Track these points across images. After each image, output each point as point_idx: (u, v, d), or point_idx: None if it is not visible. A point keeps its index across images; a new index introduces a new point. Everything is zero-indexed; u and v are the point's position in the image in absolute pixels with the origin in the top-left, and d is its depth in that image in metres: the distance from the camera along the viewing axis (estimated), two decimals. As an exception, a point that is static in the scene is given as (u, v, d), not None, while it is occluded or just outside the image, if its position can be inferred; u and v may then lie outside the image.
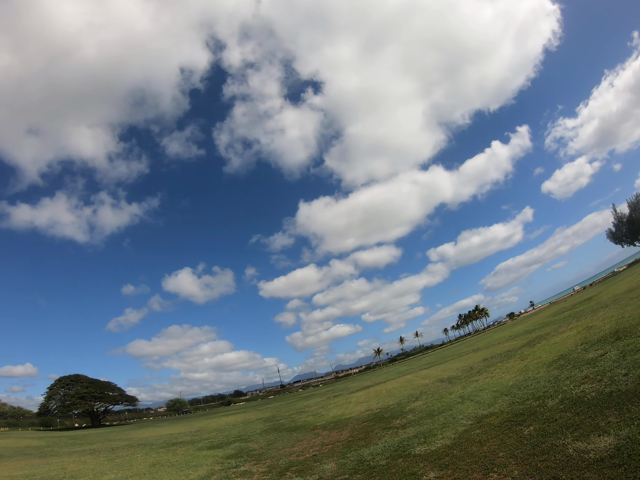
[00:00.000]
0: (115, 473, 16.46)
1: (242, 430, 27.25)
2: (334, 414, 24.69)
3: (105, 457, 22.99)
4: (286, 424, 25.74)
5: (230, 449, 18.88)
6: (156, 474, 14.95)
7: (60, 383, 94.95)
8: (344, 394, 41.84)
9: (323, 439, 16.37)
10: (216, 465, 14.96)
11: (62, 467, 19.67)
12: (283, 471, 11.79)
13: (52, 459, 23.99)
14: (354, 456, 11.50)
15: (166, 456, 20.08)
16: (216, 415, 61.94)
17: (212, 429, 34.05)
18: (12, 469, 20.01)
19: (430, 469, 8.30)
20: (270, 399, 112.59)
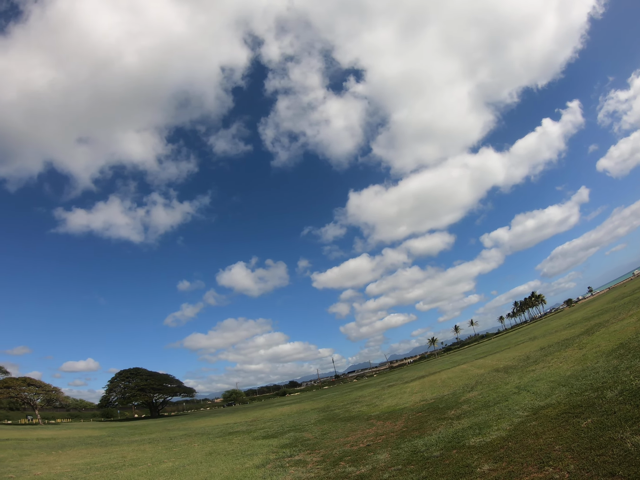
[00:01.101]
0: (173, 461, 17.15)
1: (297, 420, 27.70)
2: (388, 404, 24.73)
3: (164, 446, 23.97)
4: (340, 414, 25.96)
5: (285, 439, 19.24)
6: (212, 462, 15.47)
7: (121, 376, 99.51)
8: (398, 384, 41.74)
9: (377, 429, 16.47)
10: (271, 454, 15.30)
11: (121, 456, 20.69)
12: (337, 461, 11.97)
13: (112, 448, 25.25)
14: (407, 447, 11.53)
15: (222, 445, 20.71)
16: (271, 405, 63.23)
17: (267, 418, 34.81)
18: (74, 458, 21.21)
19: (484, 461, 8.24)
20: (325, 389, 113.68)
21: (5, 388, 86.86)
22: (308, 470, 11.48)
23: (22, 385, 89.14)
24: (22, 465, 18.44)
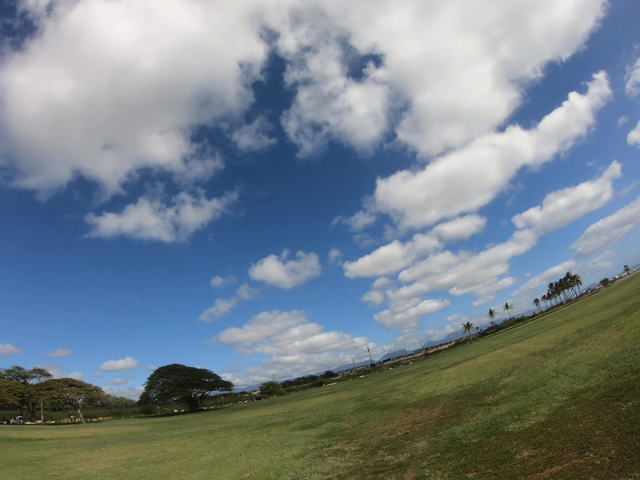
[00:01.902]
0: (213, 454, 17.57)
1: (334, 410, 27.92)
2: (425, 392, 24.70)
3: (203, 439, 24.55)
4: (377, 403, 26.06)
5: (322, 429, 19.45)
6: (252, 454, 15.78)
7: (159, 373, 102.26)
8: (434, 371, 41.59)
9: (414, 417, 16.48)
10: (309, 445, 15.51)
11: (162, 450, 21.31)
12: (375, 449, 12.06)
13: (153, 443, 26.02)
14: (445, 434, 11.54)
15: (261, 437, 21.09)
16: (308, 396, 63.83)
17: (304, 409, 35.20)
18: (116, 454, 21.95)
19: (523, 448, 8.19)
20: (361, 378, 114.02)
21: (48, 390, 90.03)
22: (346, 460, 11.60)
23: (64, 386, 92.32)
24: (66, 463, 19.22)
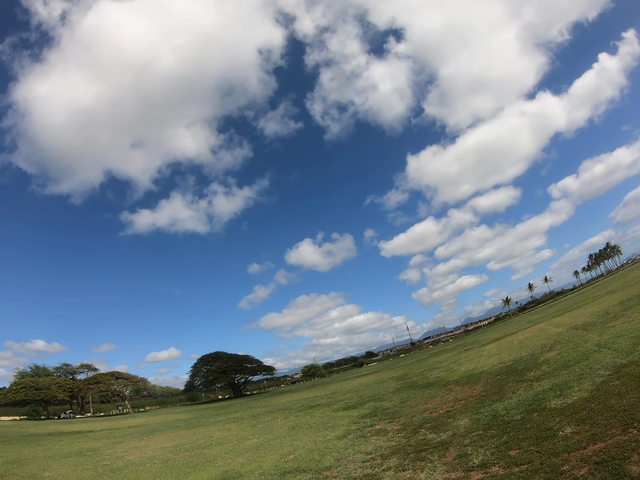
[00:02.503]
0: (258, 437, 17.97)
1: (376, 390, 28.05)
2: (466, 369, 24.56)
3: (248, 423, 25.13)
4: (418, 381, 26.07)
5: (364, 409, 19.64)
6: (295, 436, 16.09)
7: (203, 361, 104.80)
8: (474, 348, 41.23)
9: (456, 395, 16.46)
10: (352, 425, 15.70)
11: (208, 436, 21.85)
12: (417, 428, 12.13)
13: (199, 429, 26.70)
14: (487, 411, 11.51)
15: (304, 419, 21.46)
16: (349, 377, 64.36)
17: (346, 390, 35.47)
18: (164, 441, 22.66)
19: (566, 424, 8.10)
20: (401, 357, 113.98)
21: (96, 384, 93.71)
22: (389, 439, 11.73)
23: (111, 379, 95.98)
24: (116, 453, 19.89)
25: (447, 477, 7.29)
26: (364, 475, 8.70)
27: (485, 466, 7.29)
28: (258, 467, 11.60)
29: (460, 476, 7.18)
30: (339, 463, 10.24)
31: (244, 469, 11.73)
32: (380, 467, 8.98)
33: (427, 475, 7.70)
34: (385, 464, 9.16)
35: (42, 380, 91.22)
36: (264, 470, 11.09)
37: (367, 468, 9.19)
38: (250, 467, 11.91)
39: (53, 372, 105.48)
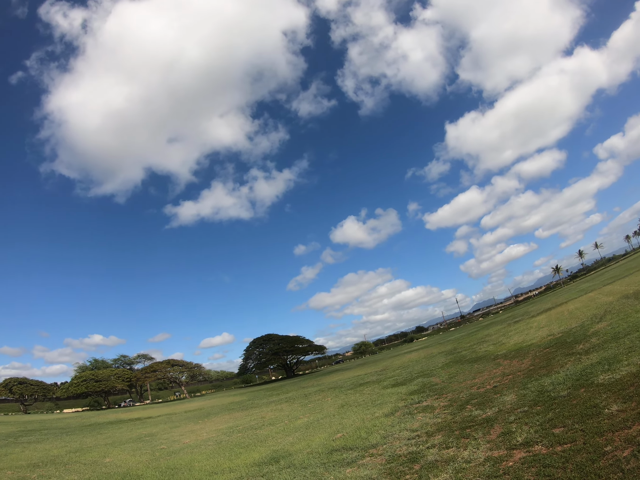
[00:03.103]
0: (308, 416, 18.27)
1: (425, 366, 27.92)
2: (515, 342, 24.05)
3: (299, 403, 25.58)
4: (467, 356, 25.76)
5: (413, 385, 19.61)
6: (345, 414, 16.28)
7: (255, 344, 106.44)
8: (524, 319, 40.24)
9: (504, 369, 16.17)
10: (400, 402, 15.74)
11: (261, 417, 22.42)
12: (463, 404, 12.03)
13: (252, 411, 27.37)
14: (534, 386, 11.25)
15: (354, 397, 21.64)
16: (399, 353, 64.36)
17: (396, 367, 35.47)
18: (219, 423, 23.36)
19: (612, 401, 7.79)
20: (451, 331, 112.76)
21: (153, 372, 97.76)
22: (435, 416, 11.69)
23: (167, 367, 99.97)
24: (172, 437, 20.65)
25: (490, 455, 7.19)
26: (408, 452, 8.73)
27: (528, 444, 7.13)
28: (307, 446, 11.86)
29: (502, 454, 7.07)
30: (385, 441, 10.32)
31: (293, 448, 12.02)
32: (425, 445, 8.98)
33: (470, 453, 7.64)
34: (429, 442, 9.15)
35: (101, 373, 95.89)
36: (312, 449, 11.32)
37: (411, 445, 9.21)
38: (299, 446, 12.19)
39: (111, 364, 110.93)
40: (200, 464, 12.41)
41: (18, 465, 15.52)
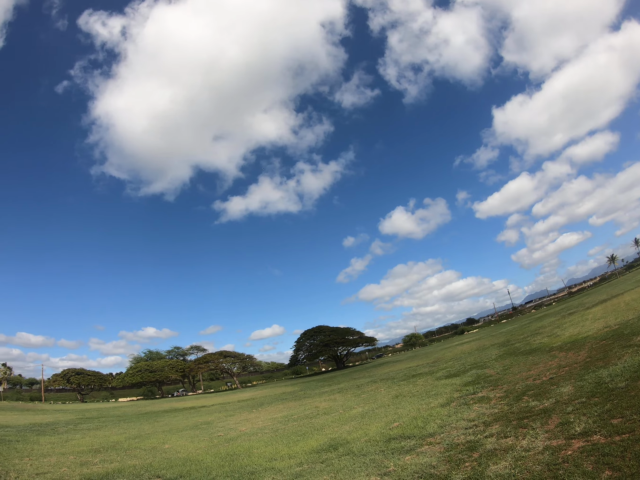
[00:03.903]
0: (362, 406, 18.40)
1: (478, 358, 27.52)
2: (570, 334, 23.36)
3: (352, 393, 25.64)
4: (521, 348, 25.20)
5: (467, 377, 19.45)
6: (399, 405, 16.37)
7: (305, 336, 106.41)
8: (579, 311, 38.75)
9: (559, 361, 15.85)
10: (455, 393, 15.71)
11: (314, 406, 22.63)
12: (520, 396, 11.96)
13: (305, 400, 27.59)
14: (591, 378, 11.07)
15: (407, 388, 21.60)
16: (451, 345, 63.33)
17: (448, 358, 35.04)
18: (273, 412, 23.73)
19: (673, 391, 7.67)
20: (503, 323, 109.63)
21: (205, 363, 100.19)
22: (491, 407, 11.71)
23: (219, 358, 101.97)
24: (228, 425, 21.12)
25: (548, 445, 7.25)
26: (467, 441, 8.86)
27: (586, 434, 7.14)
28: (364, 434, 12.11)
29: (561, 444, 7.11)
30: (442, 430, 10.46)
31: (351, 436, 12.28)
32: (483, 434, 9.08)
33: (528, 442, 7.70)
34: (487, 431, 9.24)
35: (155, 363, 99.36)
36: (370, 437, 11.57)
37: (469, 435, 9.33)
38: (357, 434, 12.44)
39: (165, 355, 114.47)
40: (258, 451, 12.74)
41: (80, 451, 16.14)
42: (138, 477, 11.00)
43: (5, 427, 24.70)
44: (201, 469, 11.28)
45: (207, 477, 10.22)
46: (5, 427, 24.70)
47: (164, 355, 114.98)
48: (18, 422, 29.55)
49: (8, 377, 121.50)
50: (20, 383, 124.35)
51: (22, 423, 28.45)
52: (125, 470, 11.87)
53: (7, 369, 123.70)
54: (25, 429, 24.11)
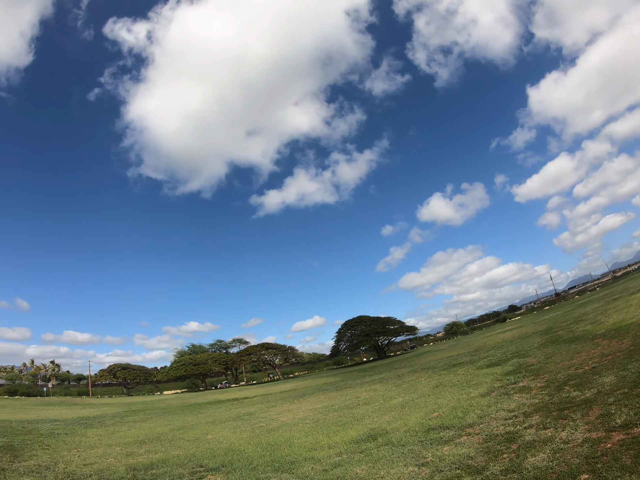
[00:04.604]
0: (403, 396, 18.28)
1: (519, 346, 26.80)
2: (614, 321, 22.42)
3: (393, 383, 25.43)
4: (563, 336, 24.37)
5: (508, 366, 19.01)
6: (440, 394, 16.19)
7: (346, 326, 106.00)
8: (623, 296, 37.03)
9: (602, 350, 15.28)
10: (495, 383, 15.40)
11: (355, 397, 22.53)
12: (561, 385, 11.63)
13: (346, 391, 27.48)
14: (635, 367, 10.65)
15: (448, 377, 21.29)
16: (492, 333, 61.98)
17: (489, 347, 34.30)
18: (314, 403, 23.79)
19: None
20: (546, 309, 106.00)
21: (247, 355, 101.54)
22: (532, 397, 11.46)
23: (261, 350, 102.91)
24: (270, 415, 21.32)
25: (588, 437, 7.05)
26: (506, 432, 8.73)
27: (627, 427, 6.89)
28: (403, 425, 12.10)
29: (601, 436, 6.90)
30: (482, 420, 10.34)
31: (390, 427, 12.28)
32: (522, 425, 8.92)
33: (568, 434, 7.51)
34: (527, 422, 9.08)
35: (199, 357, 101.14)
36: (409, 427, 11.55)
37: (509, 425, 9.18)
38: (396, 424, 12.44)
39: (208, 349, 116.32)
40: (299, 441, 12.86)
41: (126, 442, 16.56)
42: (182, 466, 11.30)
43: (55, 421, 25.64)
44: (243, 458, 11.49)
45: (249, 467, 10.41)
46: (55, 421, 25.64)
47: (207, 348, 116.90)
48: (66, 416, 30.70)
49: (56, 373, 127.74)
50: (69, 379, 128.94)
51: (71, 417, 29.58)
52: (170, 460, 12.20)
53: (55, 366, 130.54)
54: (74, 422, 25.07)
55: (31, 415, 30.12)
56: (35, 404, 48.25)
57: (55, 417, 29.55)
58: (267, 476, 9.26)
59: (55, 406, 45.79)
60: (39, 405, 45.80)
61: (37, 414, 32.52)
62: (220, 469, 10.51)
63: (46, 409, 40.12)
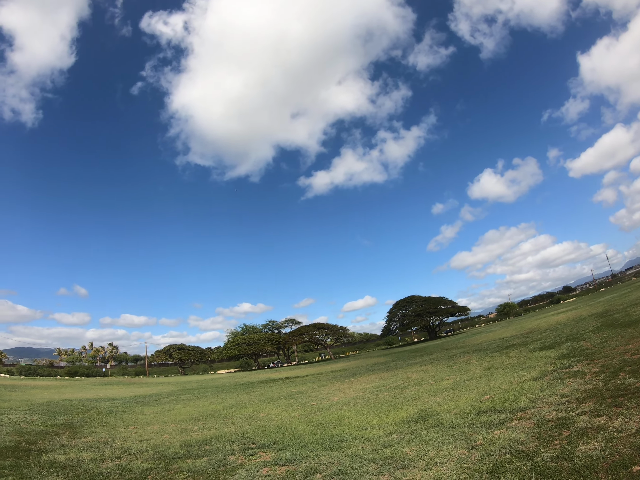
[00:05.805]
0: (454, 378, 17.89)
1: (574, 329, 25.46)
2: (675, 304, 20.97)
3: (444, 364, 24.91)
4: (620, 319, 22.91)
5: (562, 349, 18.18)
6: (491, 377, 15.72)
7: (398, 306, 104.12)
8: (688, 279, 34.42)
9: (661, 335, 14.41)
10: (548, 366, 14.80)
11: (406, 377, 22.23)
12: (616, 371, 11.03)
13: (397, 371, 27.13)
14: (697, 355, 9.98)
15: (500, 359, 20.63)
16: (546, 314, 59.30)
17: (543, 329, 32.79)
18: (365, 383, 23.59)
19: None
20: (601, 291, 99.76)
21: (299, 335, 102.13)
22: (586, 382, 10.96)
23: (313, 330, 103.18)
24: (321, 394, 21.33)
25: (643, 426, 6.73)
26: (558, 418, 8.44)
27: (686, 417, 6.53)
28: (454, 406, 11.93)
29: (657, 426, 6.58)
30: (534, 405, 10.05)
31: (441, 408, 12.13)
32: (575, 411, 8.60)
33: (621, 422, 7.16)
34: (580, 408, 8.73)
35: (252, 337, 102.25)
36: (460, 409, 11.39)
37: (561, 411, 8.87)
38: (447, 406, 12.28)
39: (261, 329, 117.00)
40: (349, 420, 12.87)
41: (181, 419, 16.93)
42: (234, 443, 11.56)
43: (113, 400, 26.83)
44: (294, 436, 11.63)
45: (299, 444, 10.54)
46: (113, 400, 26.83)
47: (260, 329, 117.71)
48: (124, 394, 32.22)
49: (114, 355, 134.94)
50: (126, 360, 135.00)
51: (128, 395, 31.06)
52: (223, 437, 12.52)
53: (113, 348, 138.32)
54: (131, 401, 26.28)
55: (90, 395, 31.70)
56: (95, 384, 51.10)
57: (113, 395, 31.08)
58: (317, 454, 9.37)
59: (114, 385, 48.32)
60: (98, 385, 48.51)
61: (96, 393, 34.31)
62: (271, 446, 10.72)
63: (105, 388, 42.50)
